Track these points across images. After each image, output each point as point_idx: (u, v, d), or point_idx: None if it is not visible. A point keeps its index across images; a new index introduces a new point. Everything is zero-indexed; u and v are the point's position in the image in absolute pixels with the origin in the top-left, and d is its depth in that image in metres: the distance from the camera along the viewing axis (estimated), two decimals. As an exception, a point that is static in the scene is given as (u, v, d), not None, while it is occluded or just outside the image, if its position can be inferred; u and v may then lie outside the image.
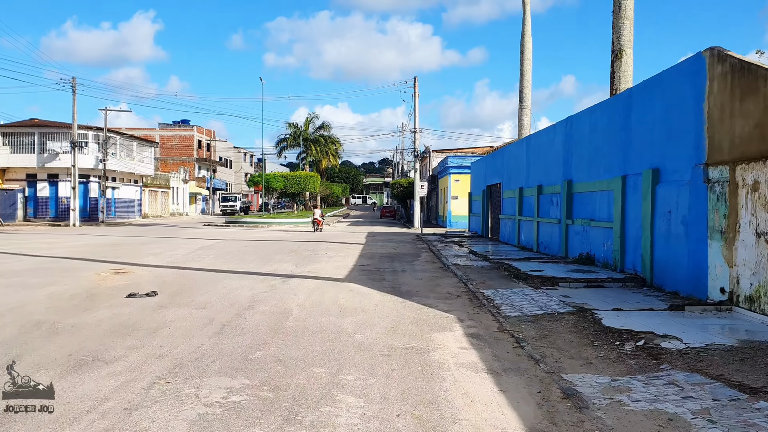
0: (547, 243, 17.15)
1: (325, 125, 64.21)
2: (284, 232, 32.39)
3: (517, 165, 21.13)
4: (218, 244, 22.50)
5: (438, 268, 15.00)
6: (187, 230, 34.20)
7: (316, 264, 15.48)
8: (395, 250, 20.32)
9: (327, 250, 20.05)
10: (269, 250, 19.81)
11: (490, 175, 26.20)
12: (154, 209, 56.68)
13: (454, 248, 20.33)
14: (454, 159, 40.76)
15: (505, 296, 9.90)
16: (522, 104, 29.20)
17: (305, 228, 39.19)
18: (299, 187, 53.11)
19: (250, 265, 15.02)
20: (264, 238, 26.79)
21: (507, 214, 22.42)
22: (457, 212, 40.30)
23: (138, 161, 51.41)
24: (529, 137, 19.82)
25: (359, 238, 27.40)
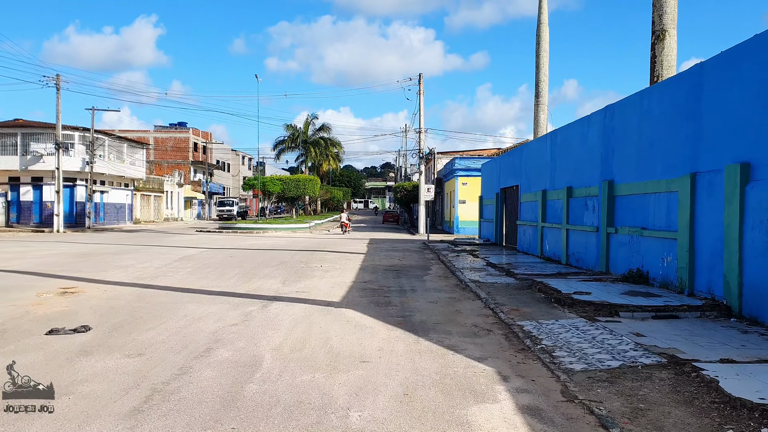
0: (580, 254, 14.64)
1: (325, 127, 61.87)
2: (279, 239, 29.93)
3: (539, 165, 18.65)
4: (202, 253, 20.04)
5: (454, 285, 12.50)
6: (176, 237, 31.76)
7: (308, 280, 13.00)
8: (401, 261, 17.82)
9: (323, 261, 17.56)
10: (257, 261, 17.33)
11: (505, 176, 23.71)
12: (147, 214, 54.28)
13: (467, 259, 17.83)
14: (461, 161, 38.30)
15: (553, 332, 7.40)
16: (538, 100, 26.74)
17: (303, 234, 36.72)
18: (298, 191, 50.75)
19: (228, 282, 12.54)
20: (255, 246, 24.32)
21: (526, 220, 19.92)
22: (465, 217, 37.82)
23: (129, 164, 49.05)
24: (554, 132, 17.35)
25: (360, 246, 24.91)
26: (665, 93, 10.71)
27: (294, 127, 61.32)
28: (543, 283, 11.08)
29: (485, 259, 17.48)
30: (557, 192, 16.55)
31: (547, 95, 26.87)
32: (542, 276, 12.83)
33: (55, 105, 38.19)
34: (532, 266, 15.18)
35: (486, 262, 16.57)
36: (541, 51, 26.60)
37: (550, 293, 10.09)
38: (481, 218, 28.76)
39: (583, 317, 8.22)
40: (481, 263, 16.45)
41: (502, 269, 14.56)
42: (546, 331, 7.45)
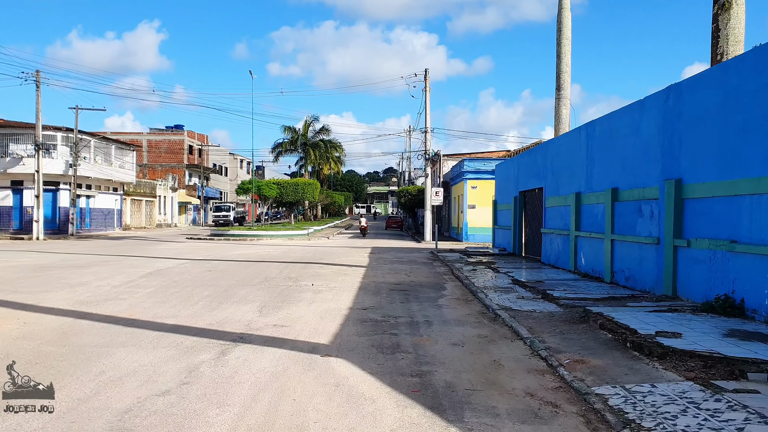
0: (631, 272, 11.87)
1: (325, 129, 59.25)
2: (273, 248, 27.21)
3: (570, 163, 15.92)
4: (179, 266, 17.33)
5: (479, 314, 9.76)
6: (161, 245, 29.08)
7: (293, 306, 10.26)
8: (408, 277, 15.09)
9: (316, 277, 14.82)
10: (238, 277, 14.60)
11: (525, 178, 20.98)
12: (138, 220, 51.65)
13: (486, 274, 15.09)
14: (470, 162, 35.56)
15: (659, 413, 4.65)
16: (559, 93, 24.02)
17: (300, 242, 34.01)
18: (296, 196, 48.05)
19: (191, 310, 9.82)
20: (243, 256, 21.61)
21: (553, 228, 17.17)
22: (475, 223, 35.06)
23: (118, 167, 46.43)
24: (591, 124, 14.62)
25: (361, 256, 22.18)
26: (763, 63, 7.96)
27: (293, 129, 58.70)
28: (602, 316, 8.32)
29: (508, 275, 14.73)
30: (596, 195, 13.81)
31: (569, 88, 24.16)
32: (591, 301, 10.08)
33: (35, 103, 35.63)
34: (569, 285, 12.42)
35: (511, 279, 13.81)
36: (563, 38, 23.90)
37: (619, 332, 7.33)
38: (495, 225, 25.99)
39: (691, 379, 5.47)
40: (505, 280, 13.70)
41: (535, 290, 11.80)
42: (649, 412, 4.69)
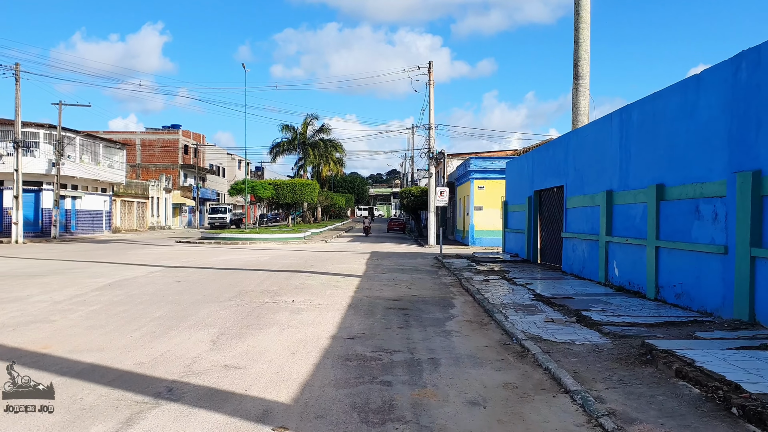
0: (685, 287, 9.59)
1: (325, 128, 57.07)
2: (263, 253, 24.99)
3: (598, 156, 13.66)
4: (147, 276, 15.12)
5: (501, 345, 7.48)
6: (143, 250, 26.89)
7: (260, 334, 8.02)
8: (409, 290, 12.83)
9: (301, 289, 12.57)
10: (207, 291, 12.36)
11: (541, 175, 18.72)
12: (129, 222, 49.52)
13: (501, 286, 12.83)
14: (477, 161, 33.29)
15: None
16: (578, 83, 21.73)
17: (295, 245, 31.79)
18: (294, 197, 45.83)
19: (128, 338, 7.58)
20: (226, 263, 19.39)
21: (576, 232, 14.91)
22: (482, 226, 32.78)
23: (107, 167, 44.33)
24: (626, 109, 12.33)
25: (358, 263, 19.94)
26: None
27: (292, 128, 56.54)
28: (674, 356, 6.02)
29: (527, 288, 12.46)
30: (634, 193, 11.54)
31: (588, 76, 21.87)
32: (645, 328, 7.80)
33: (14, 98, 33.53)
34: (606, 303, 10.14)
35: (532, 294, 11.53)
36: (581, 22, 21.62)
37: (710, 386, 5.04)
38: (506, 228, 23.71)
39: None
40: (525, 295, 11.42)
41: (565, 309, 9.53)
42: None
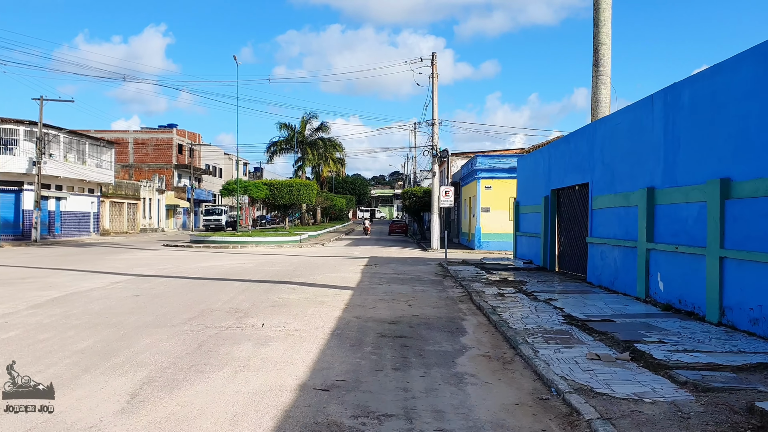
0: (766, 311, 7.38)
1: (324, 126, 54.92)
2: (252, 258, 22.84)
3: (635, 147, 11.47)
4: (104, 289, 12.98)
5: (537, 403, 5.29)
6: (122, 255, 24.78)
7: (201, 382, 5.83)
8: (410, 308, 10.64)
9: (276, 309, 10.38)
10: (165, 309, 10.19)
11: (560, 172, 16.54)
12: (119, 224, 47.43)
13: (520, 303, 10.63)
14: (484, 159, 31.09)
15: None
16: (598, 70, 19.54)
17: (288, 249, 29.65)
18: (291, 198, 43.64)
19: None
20: (205, 271, 17.25)
21: (606, 237, 12.71)
22: (489, 229, 30.57)
23: (95, 166, 42.28)
24: (673, 88, 10.14)
25: (353, 270, 17.76)
26: None
27: (290, 126, 54.42)
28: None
29: (553, 305, 10.26)
30: (685, 190, 9.35)
31: (609, 64, 19.68)
32: (734, 373, 5.61)
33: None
34: (657, 329, 7.93)
35: (561, 314, 9.33)
36: (601, 2, 19.43)
37: None
38: (518, 231, 21.49)
39: None
40: (552, 315, 9.23)
41: (609, 338, 7.34)
42: None
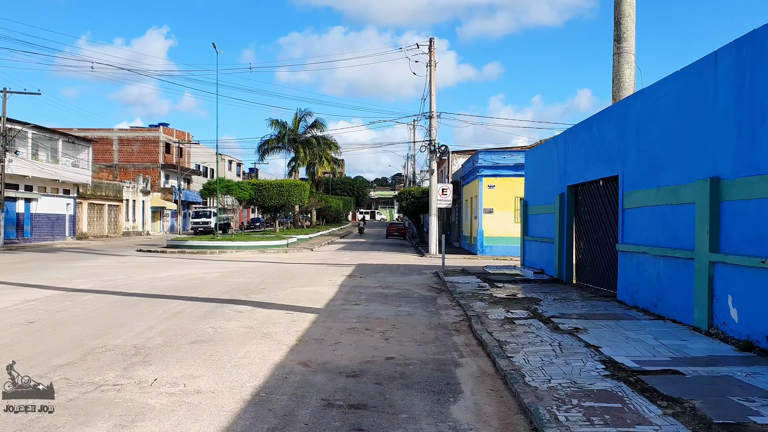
0: None
1: (318, 123, 52.11)
2: (225, 265, 20.00)
3: (687, 125, 8.60)
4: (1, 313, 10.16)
5: None
6: (81, 262, 22.00)
7: None
8: (385, 341, 7.75)
9: (194, 349, 7.49)
10: (43, 348, 7.29)
11: (579, 164, 13.68)
12: (98, 227, 44.65)
13: (537, 336, 7.77)
14: (486, 156, 28.22)
15: None
16: (620, 46, 16.68)
17: (271, 255, 26.76)
18: (281, 199, 40.79)
19: None
20: (149, 286, 14.42)
21: (645, 244, 9.82)
22: (493, 232, 27.71)
23: (70, 165, 39.55)
24: (750, 38, 7.29)
25: (331, 282, 14.89)
26: None
27: (282, 123, 51.66)
28: None
29: (583, 340, 7.38)
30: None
31: (633, 39, 16.83)
32: None
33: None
34: (760, 392, 5.07)
35: (598, 358, 6.44)
36: (625, -33, 16.56)
37: None
38: (526, 235, 18.60)
39: None
40: (588, 362, 6.34)
41: (694, 418, 4.47)
42: None
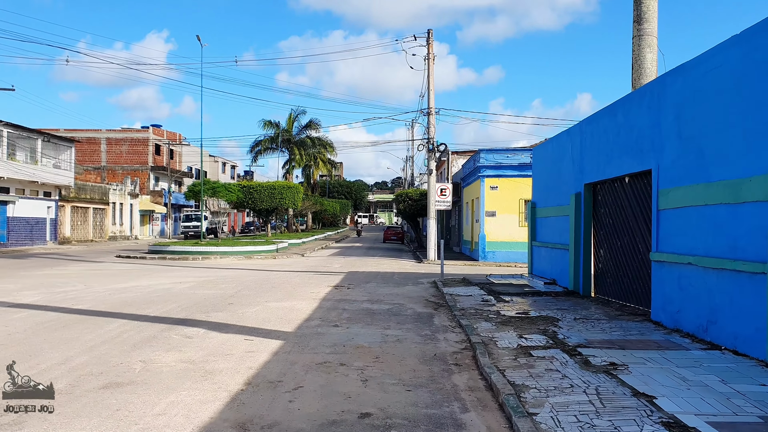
0: None
1: (313, 123, 50.22)
2: (203, 273, 18.08)
3: (750, 103, 6.69)
4: None
5: None
6: (49, 270, 20.11)
7: None
8: (363, 384, 5.83)
9: (103, 396, 5.58)
10: None
11: (599, 158, 11.77)
12: (83, 231, 42.70)
13: (563, 371, 5.86)
14: (489, 155, 26.32)
15: None
16: (641, 28, 14.83)
17: (257, 262, 24.80)
18: (272, 202, 38.87)
19: None
20: (103, 299, 12.50)
21: (689, 253, 7.92)
22: (495, 236, 25.79)
23: (51, 166, 37.66)
24: None
25: (312, 296, 12.98)
26: None
27: (276, 124, 49.81)
28: None
29: (628, 384, 5.45)
30: None
31: (655, 20, 15.00)
32: None
33: None
34: None
35: (661, 421, 4.54)
36: (646, -61, 14.71)
37: None
38: (534, 240, 16.67)
39: None
40: (645, 424, 4.44)
41: None
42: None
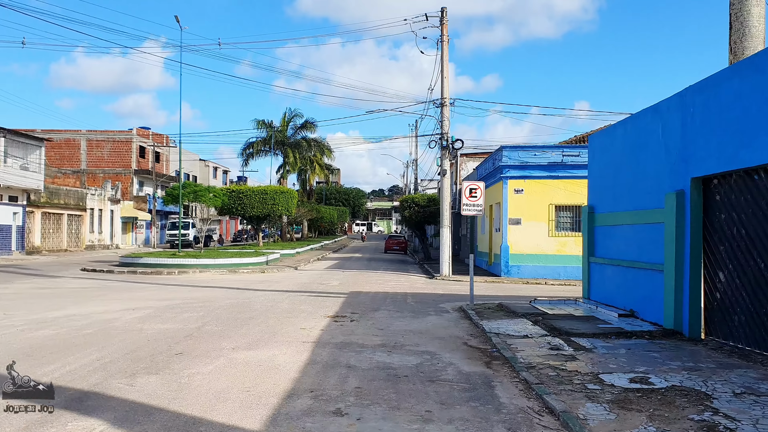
0: None
1: (309, 124, 46.60)
2: (170, 292, 14.35)
3: None
4: None
5: None
6: (-24, 288, 16.38)
7: None
8: None
9: None
10: None
11: (718, 141, 8.11)
12: (55, 240, 38.87)
13: None
14: (512, 153, 22.71)
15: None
16: (739, -25, 11.25)
17: (245, 276, 21.00)
18: (264, 208, 35.22)
19: None
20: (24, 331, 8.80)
21: None
22: (520, 248, 22.14)
23: (19, 168, 33.94)
24: None
25: (301, 336, 9.28)
26: None
27: (269, 124, 46.19)
28: None
29: None
30: None
31: (758, -34, 11.44)
32: None
33: None
34: None
35: None
36: None
37: None
38: (593, 256, 12.99)
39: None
40: None
41: None
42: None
